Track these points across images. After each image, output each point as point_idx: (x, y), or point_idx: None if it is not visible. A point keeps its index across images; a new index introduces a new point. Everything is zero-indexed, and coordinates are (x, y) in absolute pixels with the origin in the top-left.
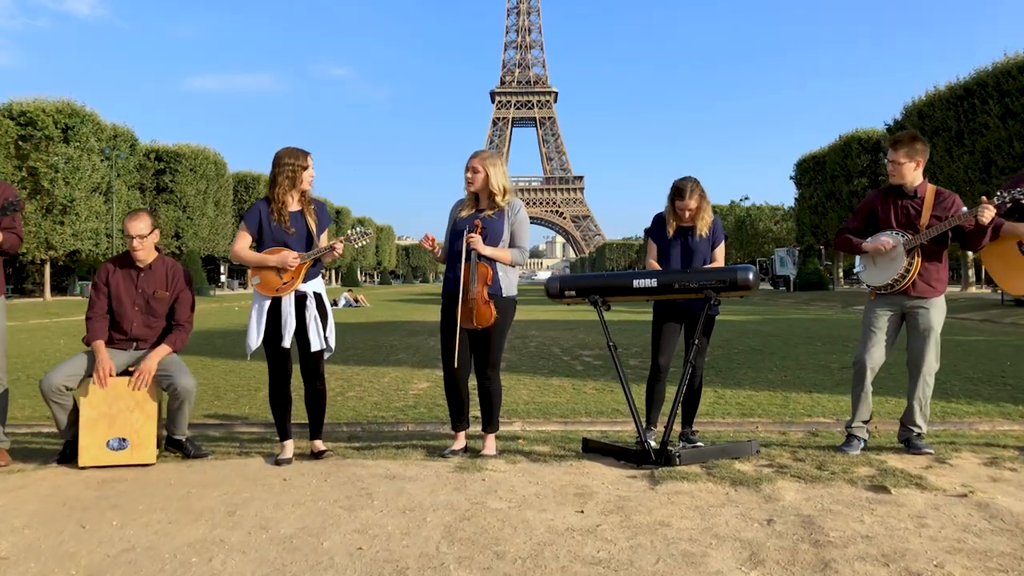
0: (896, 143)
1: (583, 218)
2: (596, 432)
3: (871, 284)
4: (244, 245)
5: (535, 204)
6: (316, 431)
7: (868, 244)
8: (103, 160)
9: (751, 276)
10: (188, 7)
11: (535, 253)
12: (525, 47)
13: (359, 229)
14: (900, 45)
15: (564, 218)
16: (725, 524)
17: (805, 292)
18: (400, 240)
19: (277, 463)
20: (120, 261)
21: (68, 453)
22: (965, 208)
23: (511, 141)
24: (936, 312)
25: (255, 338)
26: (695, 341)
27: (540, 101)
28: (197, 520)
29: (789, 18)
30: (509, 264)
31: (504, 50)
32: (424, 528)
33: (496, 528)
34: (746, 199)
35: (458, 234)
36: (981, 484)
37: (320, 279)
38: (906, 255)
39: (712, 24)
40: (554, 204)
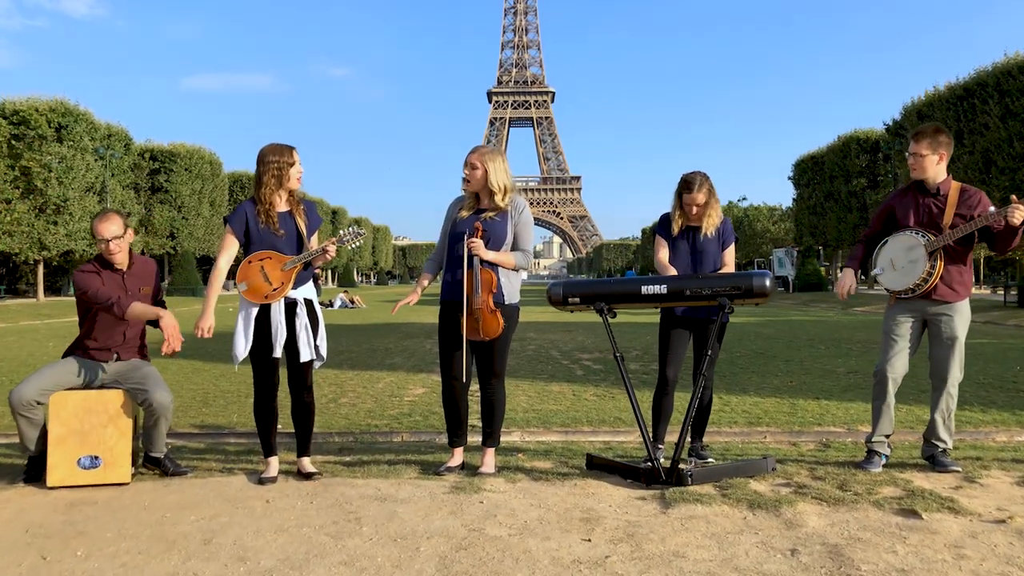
0: (918, 135)
1: (580, 218)
2: (599, 443)
3: (890, 288)
4: (225, 262)
5: (532, 204)
6: (304, 447)
7: (842, 277)
8: (97, 160)
9: (768, 283)
10: (186, 7)
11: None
12: (522, 47)
13: (352, 229)
14: (900, 45)
15: (561, 218)
16: (745, 555)
17: (804, 293)
18: (397, 240)
19: (260, 482)
20: (96, 265)
21: (33, 472)
22: (993, 207)
23: (508, 141)
24: (960, 319)
25: (242, 347)
26: (708, 352)
27: (537, 101)
28: (170, 550)
29: (788, 18)
30: (512, 269)
31: (501, 50)
32: (417, 560)
33: (496, 560)
34: (744, 199)
35: (457, 236)
36: (1018, 507)
37: (311, 284)
38: (928, 257)
39: (711, 24)
40: (551, 204)
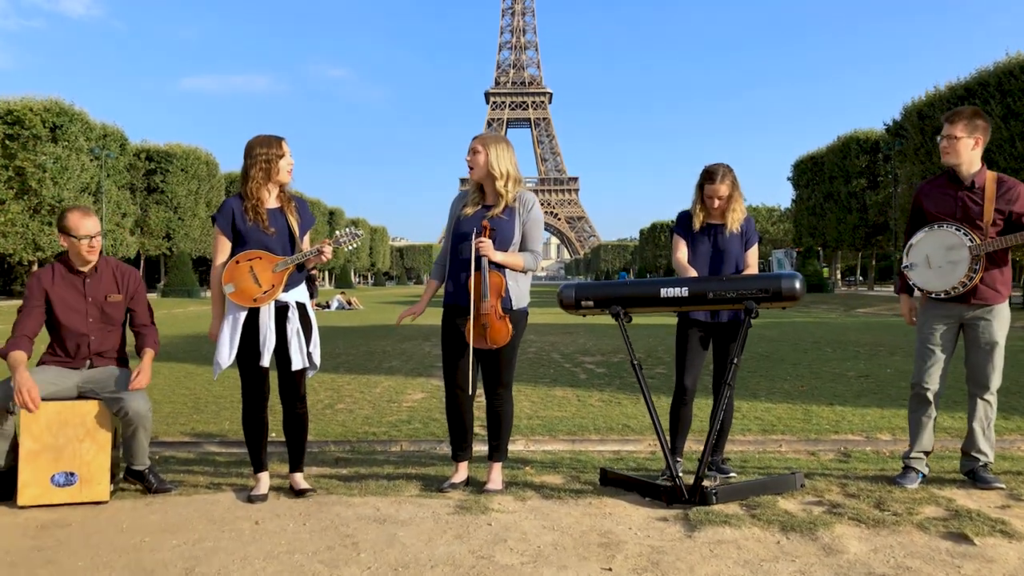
0: (954, 116)
1: (578, 219)
2: (608, 453)
3: (923, 287)
4: (222, 264)
5: None
6: (296, 463)
7: (903, 304)
8: (92, 160)
9: (798, 285)
10: (184, 8)
11: None
12: (520, 48)
13: (349, 230)
14: (900, 45)
15: (559, 219)
16: None
17: (806, 294)
18: (394, 241)
19: (250, 500)
20: (58, 269)
21: (3, 489)
22: None
23: None
24: (1000, 323)
25: (226, 355)
26: (735, 360)
27: (535, 102)
28: None
29: (786, 18)
30: (520, 270)
31: (499, 51)
32: None
33: None
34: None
35: (462, 236)
36: None
37: (304, 287)
38: (971, 261)
39: (708, 25)
40: (549, 205)
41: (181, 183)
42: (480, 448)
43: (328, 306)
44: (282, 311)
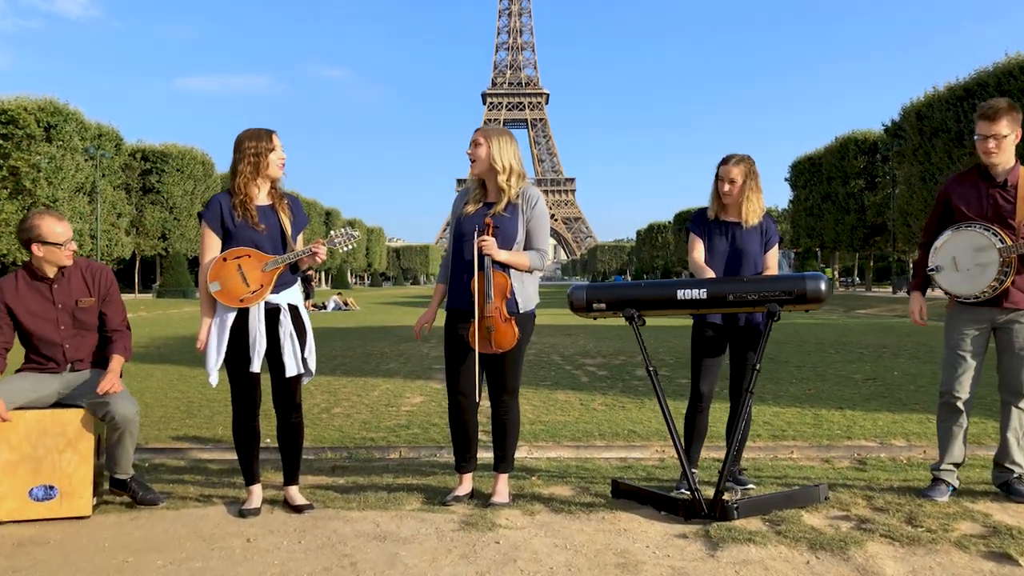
0: (996, 112)
1: (574, 220)
2: (615, 460)
3: (950, 291)
4: (207, 261)
5: None
6: (291, 475)
7: (913, 301)
8: (87, 160)
9: (823, 286)
10: (181, 8)
11: None
12: (516, 48)
13: (345, 231)
14: (899, 46)
15: (555, 220)
16: None
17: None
18: (391, 242)
19: (241, 514)
20: (22, 276)
21: None
22: None
23: None
24: None
25: (214, 360)
26: (757, 366)
27: (531, 103)
28: None
29: (785, 19)
30: (526, 270)
31: (495, 51)
32: None
33: None
34: None
35: (463, 236)
36: None
37: (297, 288)
38: (1001, 263)
39: (707, 26)
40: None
41: (177, 183)
42: (484, 455)
43: (324, 307)
44: (273, 313)
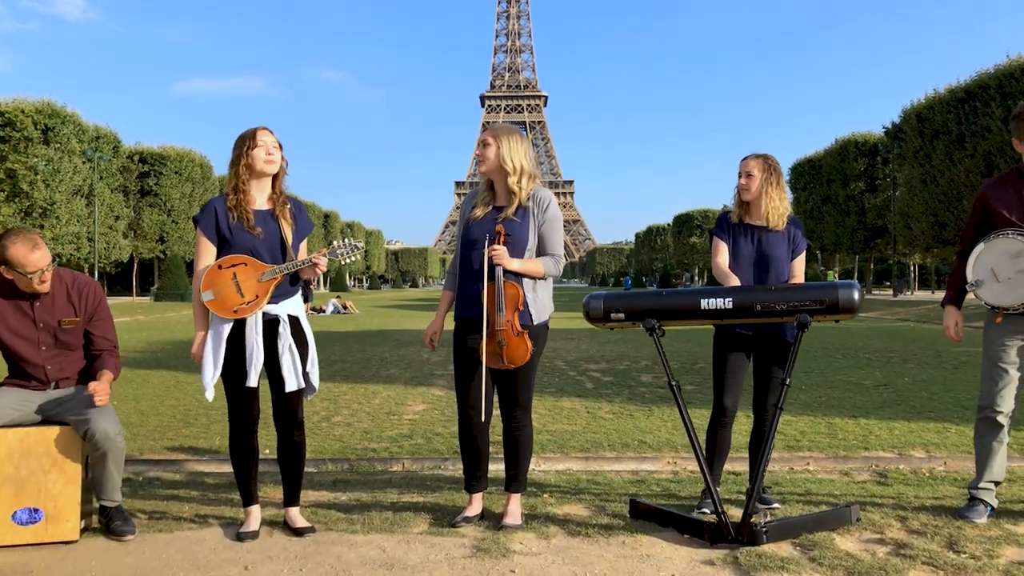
0: None
1: (573, 222)
2: (627, 473)
3: (995, 304)
4: (202, 268)
5: None
6: (292, 496)
7: (945, 318)
8: (85, 162)
9: (856, 295)
10: (180, 11)
11: None
12: (515, 51)
13: (348, 242)
14: (899, 49)
15: None
16: None
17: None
18: (389, 245)
19: (239, 538)
20: (4, 289)
21: None
22: None
23: None
24: None
25: (210, 375)
26: (787, 380)
27: (530, 105)
28: None
29: (784, 21)
30: (540, 278)
31: (494, 54)
32: None
33: None
34: None
35: (472, 242)
36: None
37: (298, 298)
38: None
39: (705, 28)
40: None
41: (175, 186)
42: (493, 467)
43: (323, 311)
44: (271, 325)
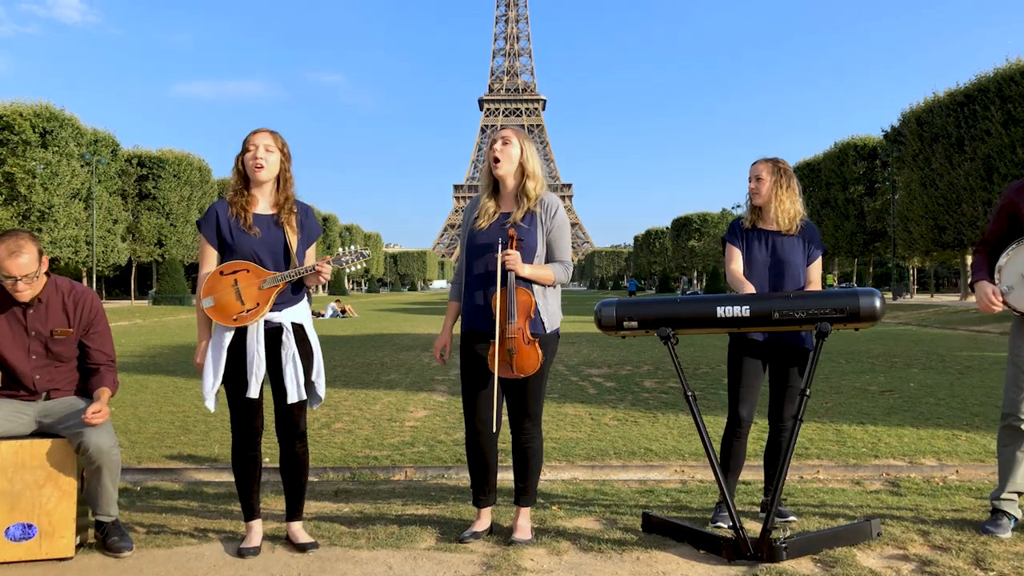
0: None
1: (571, 226)
2: (635, 483)
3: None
4: (204, 273)
5: None
6: (294, 510)
7: (979, 291)
8: (83, 165)
9: (878, 304)
10: (179, 14)
11: None
12: (513, 55)
13: (354, 249)
14: (898, 52)
15: None
16: None
17: None
18: (388, 248)
19: (240, 554)
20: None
21: None
22: None
23: None
24: None
25: (210, 384)
26: (807, 391)
27: (528, 108)
28: None
29: (783, 25)
30: (550, 285)
31: (492, 58)
32: None
33: None
34: (739, 207)
35: (479, 248)
36: None
37: (303, 306)
38: None
39: (704, 31)
40: None
41: (173, 189)
42: (502, 476)
43: (322, 315)
44: (274, 333)
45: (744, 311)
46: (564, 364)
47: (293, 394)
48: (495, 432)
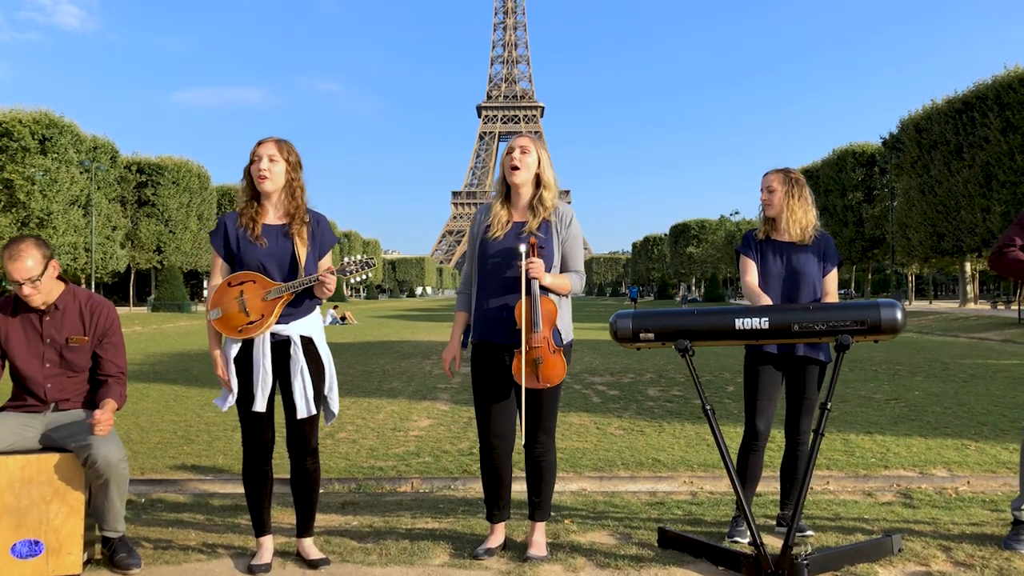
0: None
1: None
2: (644, 495)
3: None
4: (213, 285)
5: None
6: (304, 526)
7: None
8: (82, 172)
9: (899, 315)
10: (178, 21)
11: None
12: (511, 62)
13: (359, 259)
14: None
15: None
16: None
17: None
18: (386, 255)
19: (251, 571)
20: (10, 304)
21: None
22: None
23: (498, 155)
24: None
25: (230, 398)
26: (828, 405)
27: (527, 115)
28: None
29: (782, 30)
30: (566, 295)
31: (491, 65)
32: None
33: None
34: (736, 213)
35: (494, 258)
36: None
37: (314, 317)
38: None
39: (703, 37)
40: None
41: (172, 196)
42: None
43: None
44: (282, 346)
45: (763, 323)
46: (567, 372)
47: (302, 409)
48: (512, 445)
